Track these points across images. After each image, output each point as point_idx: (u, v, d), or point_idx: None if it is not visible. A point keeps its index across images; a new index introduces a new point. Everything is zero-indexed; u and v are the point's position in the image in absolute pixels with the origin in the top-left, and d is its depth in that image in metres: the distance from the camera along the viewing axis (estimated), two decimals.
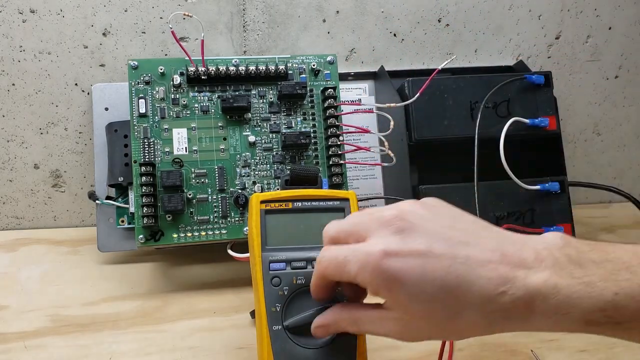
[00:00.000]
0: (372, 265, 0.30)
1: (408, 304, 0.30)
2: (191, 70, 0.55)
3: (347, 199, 0.41)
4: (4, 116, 0.62)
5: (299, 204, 0.41)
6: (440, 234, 0.31)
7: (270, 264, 0.38)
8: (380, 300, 0.32)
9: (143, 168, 0.52)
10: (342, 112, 0.58)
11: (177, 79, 0.55)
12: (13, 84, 0.62)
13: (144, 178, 0.52)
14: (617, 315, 0.28)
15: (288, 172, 0.54)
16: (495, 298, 0.29)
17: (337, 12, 0.67)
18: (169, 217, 0.53)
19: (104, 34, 0.62)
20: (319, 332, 0.36)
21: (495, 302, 0.29)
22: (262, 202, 0.40)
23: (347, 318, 0.34)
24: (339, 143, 0.57)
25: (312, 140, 0.57)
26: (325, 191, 0.42)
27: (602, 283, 0.28)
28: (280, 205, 0.40)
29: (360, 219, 0.34)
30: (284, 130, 0.57)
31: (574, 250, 0.30)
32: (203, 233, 0.54)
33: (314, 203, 0.41)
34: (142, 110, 0.54)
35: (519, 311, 0.29)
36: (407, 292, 0.30)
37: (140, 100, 0.55)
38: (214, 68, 0.55)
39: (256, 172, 0.56)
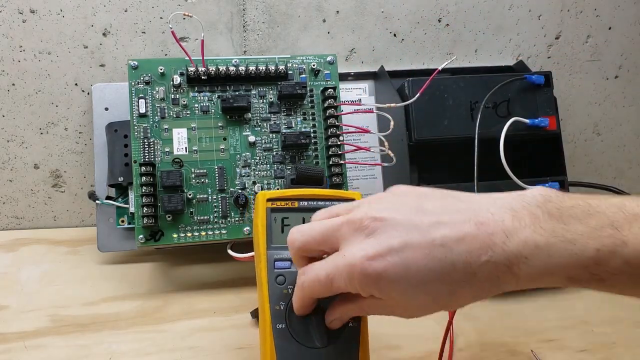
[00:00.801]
0: (358, 274, 0.31)
1: (402, 296, 0.31)
2: (191, 70, 0.55)
3: (353, 200, 0.41)
4: (4, 116, 0.62)
5: (305, 203, 0.41)
6: (411, 222, 0.31)
7: (276, 262, 0.38)
8: None
9: (143, 168, 0.52)
10: (342, 112, 0.58)
11: (177, 79, 0.55)
12: (13, 84, 0.62)
13: (144, 178, 0.52)
14: (601, 272, 0.28)
15: (294, 170, 0.54)
16: (480, 268, 0.29)
17: (337, 12, 0.67)
18: (169, 217, 0.53)
19: (104, 34, 0.62)
20: (334, 325, 0.37)
21: (481, 272, 0.29)
22: (269, 200, 0.40)
23: (353, 307, 0.35)
24: (339, 143, 0.57)
25: (312, 140, 0.57)
26: (331, 191, 0.42)
27: (584, 239, 0.27)
28: (287, 204, 0.40)
29: (329, 224, 0.34)
30: (284, 130, 0.57)
31: (554, 206, 0.29)
32: (203, 233, 0.54)
33: (320, 203, 0.41)
34: (142, 110, 0.54)
35: (506, 276, 0.29)
36: (397, 288, 0.30)
37: (140, 100, 0.54)
38: (214, 68, 0.55)
39: (256, 172, 0.56)
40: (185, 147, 0.55)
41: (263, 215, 0.40)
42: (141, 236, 0.52)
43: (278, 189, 0.56)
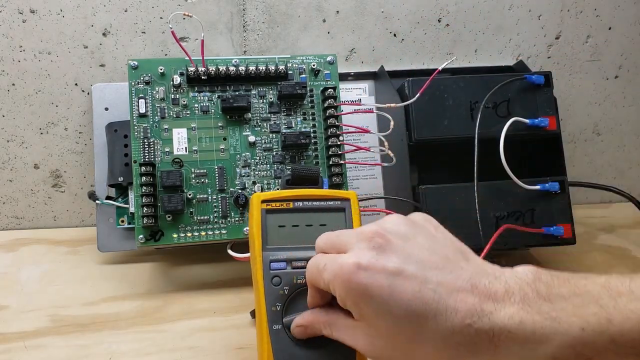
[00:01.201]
0: (343, 277, 0.31)
1: (373, 319, 0.31)
2: (191, 70, 0.55)
3: (347, 199, 0.41)
4: (4, 116, 0.62)
5: (300, 203, 0.41)
6: (416, 256, 0.31)
7: (271, 264, 0.39)
8: None
9: (143, 168, 0.52)
10: (342, 112, 0.58)
11: (177, 79, 0.55)
12: (13, 84, 0.62)
13: (144, 178, 0.52)
14: (587, 351, 0.27)
15: (289, 171, 0.54)
16: (461, 330, 0.29)
17: (337, 12, 0.67)
18: (169, 217, 0.53)
19: (104, 34, 0.62)
20: (297, 332, 0.37)
21: (460, 334, 0.29)
22: (263, 201, 0.40)
23: (323, 321, 0.35)
24: (339, 143, 0.57)
25: (312, 140, 0.57)
26: (326, 191, 0.42)
27: (569, 318, 0.27)
28: (281, 205, 0.40)
29: (345, 232, 0.35)
30: (284, 130, 0.57)
31: (543, 284, 0.29)
32: (203, 233, 0.54)
33: (314, 203, 0.41)
34: (142, 110, 0.54)
35: (484, 345, 0.28)
36: (373, 308, 0.31)
37: (140, 100, 0.54)
38: (214, 68, 0.55)
39: (256, 172, 0.56)
40: (185, 147, 0.55)
41: (258, 217, 0.40)
42: (141, 236, 0.52)
43: (278, 189, 0.56)
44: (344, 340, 0.34)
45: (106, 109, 0.61)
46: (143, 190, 0.52)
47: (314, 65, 0.58)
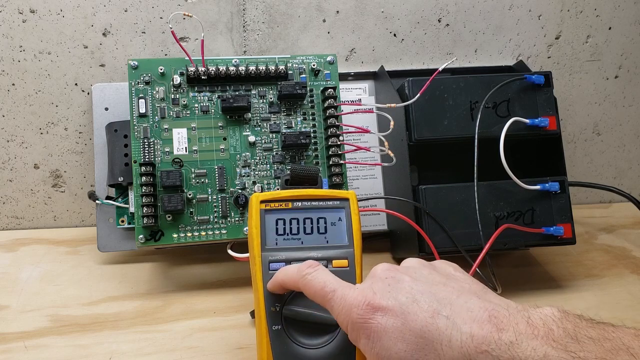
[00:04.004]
0: (354, 320, 0.31)
1: (383, 357, 0.30)
2: (191, 70, 0.55)
3: (347, 199, 0.41)
4: (4, 116, 0.62)
5: (299, 203, 0.41)
6: (429, 291, 0.31)
7: (270, 264, 0.39)
8: None
9: (143, 168, 0.52)
10: (342, 112, 0.58)
11: (177, 79, 0.55)
12: (13, 84, 0.62)
13: (144, 178, 0.52)
14: None
15: (288, 171, 0.54)
16: (476, 357, 0.28)
17: (337, 12, 0.67)
18: (169, 217, 0.53)
19: (104, 34, 0.62)
20: (271, 285, 0.37)
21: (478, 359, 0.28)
22: (262, 202, 0.40)
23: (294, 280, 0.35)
24: (339, 143, 0.57)
25: (312, 140, 0.57)
26: (325, 191, 0.42)
27: None
28: (280, 205, 0.40)
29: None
30: (284, 130, 0.57)
31: (571, 324, 0.28)
32: (203, 233, 0.54)
33: (313, 203, 0.41)
34: (142, 110, 0.54)
35: None
36: (383, 346, 0.30)
37: (140, 100, 0.55)
38: (214, 68, 0.55)
39: (256, 172, 0.56)
40: (185, 147, 0.55)
41: (257, 217, 0.40)
42: (141, 236, 0.52)
43: (277, 189, 0.56)
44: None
45: (106, 109, 0.61)
46: (143, 190, 0.52)
47: (314, 65, 0.58)
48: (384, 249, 0.65)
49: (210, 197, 0.54)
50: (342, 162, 0.57)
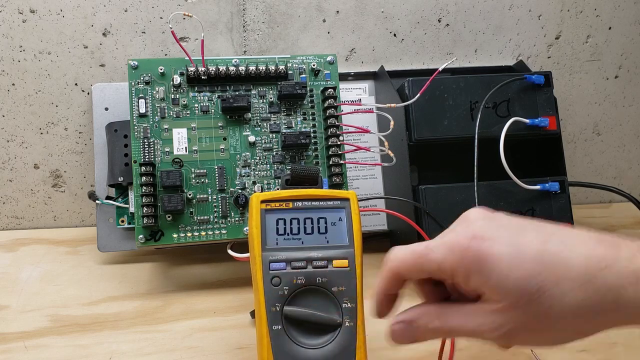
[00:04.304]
0: (461, 248, 0.29)
1: (502, 286, 0.28)
2: (191, 70, 0.55)
3: (347, 199, 0.41)
4: (4, 116, 0.62)
5: (299, 203, 0.41)
6: (529, 223, 0.30)
7: (271, 264, 0.38)
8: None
9: (143, 168, 0.52)
10: (342, 112, 0.58)
11: (177, 79, 0.55)
12: (13, 84, 0.62)
13: (144, 178, 0.52)
14: None
15: (288, 171, 0.54)
16: (599, 274, 0.27)
17: (337, 12, 0.67)
18: (169, 217, 0.53)
19: (104, 34, 0.62)
20: (397, 330, 0.32)
21: (600, 278, 0.27)
22: (263, 201, 0.40)
23: (433, 312, 0.32)
24: (339, 143, 0.57)
25: (312, 140, 0.57)
26: (325, 191, 0.42)
27: None
28: (281, 205, 0.40)
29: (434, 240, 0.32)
30: (284, 130, 0.57)
31: None
32: (203, 233, 0.54)
33: (314, 203, 0.41)
34: (142, 110, 0.54)
35: (631, 289, 0.26)
36: (501, 274, 0.28)
37: (140, 100, 0.54)
38: (214, 68, 0.55)
39: (256, 172, 0.56)
40: (185, 147, 0.55)
41: (257, 217, 0.40)
42: (141, 236, 0.52)
43: (278, 189, 0.56)
44: (463, 327, 0.30)
45: (106, 109, 0.61)
46: (143, 190, 0.52)
47: (314, 65, 0.58)
48: (384, 249, 0.65)
49: (210, 197, 0.54)
50: (342, 162, 0.57)
